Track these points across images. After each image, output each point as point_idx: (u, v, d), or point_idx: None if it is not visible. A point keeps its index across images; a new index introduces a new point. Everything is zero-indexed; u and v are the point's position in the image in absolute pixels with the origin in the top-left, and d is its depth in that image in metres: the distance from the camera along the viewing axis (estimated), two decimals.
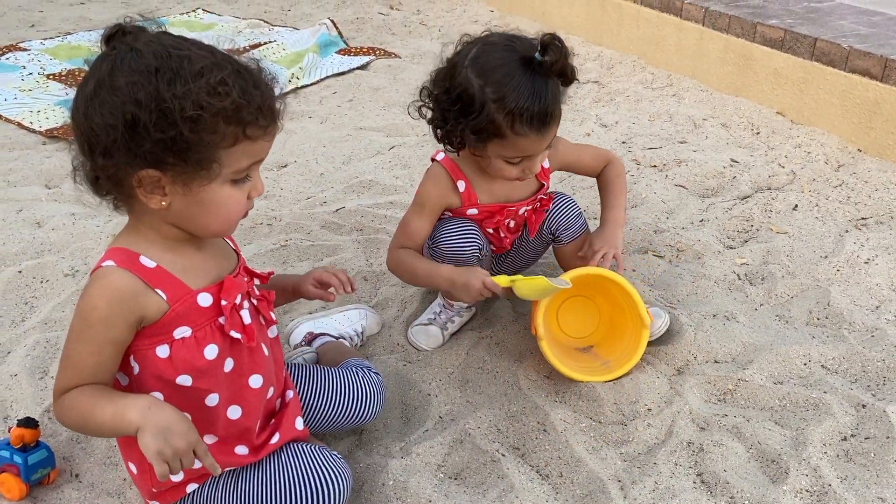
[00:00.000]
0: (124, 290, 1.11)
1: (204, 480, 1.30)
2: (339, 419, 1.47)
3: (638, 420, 1.61)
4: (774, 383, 1.70)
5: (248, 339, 1.21)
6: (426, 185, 1.72)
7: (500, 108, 1.48)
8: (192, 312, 1.17)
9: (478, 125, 1.51)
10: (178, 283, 1.16)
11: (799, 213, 2.44)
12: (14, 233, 2.27)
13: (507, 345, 1.83)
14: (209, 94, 1.04)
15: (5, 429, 1.55)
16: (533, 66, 1.49)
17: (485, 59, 1.51)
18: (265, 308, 1.29)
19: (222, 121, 1.06)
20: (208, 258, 1.22)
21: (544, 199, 1.78)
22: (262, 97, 1.10)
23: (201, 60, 1.07)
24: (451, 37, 4.32)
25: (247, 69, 1.12)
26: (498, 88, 1.48)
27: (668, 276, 2.10)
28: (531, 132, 1.51)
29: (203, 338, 1.18)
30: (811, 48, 2.96)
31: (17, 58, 3.84)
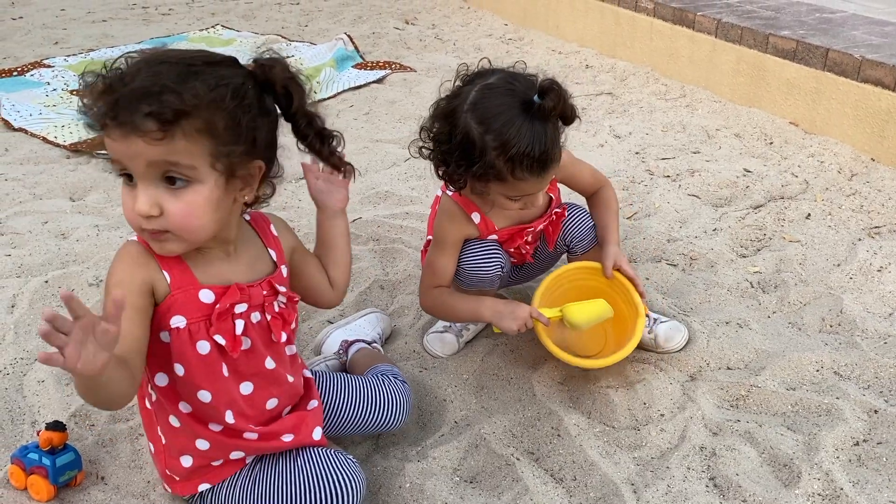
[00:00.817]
0: (135, 256, 1.16)
1: (217, 481, 1.33)
2: (361, 426, 1.50)
3: (651, 425, 1.63)
4: (787, 389, 1.72)
5: (232, 349, 1.22)
6: (442, 223, 1.72)
7: (500, 155, 1.49)
8: (190, 303, 1.19)
9: (479, 170, 1.52)
10: (188, 271, 1.19)
11: (812, 221, 2.45)
12: (40, 244, 2.32)
13: (522, 352, 1.86)
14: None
15: (34, 433, 1.59)
16: (532, 110, 1.49)
17: (485, 105, 1.50)
18: (277, 326, 1.29)
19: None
20: (233, 264, 1.25)
21: (559, 212, 1.80)
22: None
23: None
24: (465, 51, 4.39)
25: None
26: (498, 136, 1.48)
27: (681, 284, 2.12)
28: (531, 177, 1.53)
29: (196, 332, 1.20)
30: (823, 58, 2.98)
31: (42, 74, 3.93)
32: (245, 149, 1.12)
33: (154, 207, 1.08)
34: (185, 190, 1.09)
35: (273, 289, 1.29)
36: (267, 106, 1.16)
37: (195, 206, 1.10)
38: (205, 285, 1.20)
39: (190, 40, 4.62)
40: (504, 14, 5.11)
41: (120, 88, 1.04)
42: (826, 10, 3.59)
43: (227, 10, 5.45)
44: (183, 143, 1.05)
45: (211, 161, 1.09)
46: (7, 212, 2.56)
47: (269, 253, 1.33)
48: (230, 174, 1.12)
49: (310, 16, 5.30)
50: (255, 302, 1.25)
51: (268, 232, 1.35)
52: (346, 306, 2.04)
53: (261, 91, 1.15)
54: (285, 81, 1.17)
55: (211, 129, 1.07)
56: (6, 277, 2.15)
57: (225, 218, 1.17)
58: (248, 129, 1.11)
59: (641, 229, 2.41)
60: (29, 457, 1.42)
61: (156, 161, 1.06)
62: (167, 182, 1.09)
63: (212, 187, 1.10)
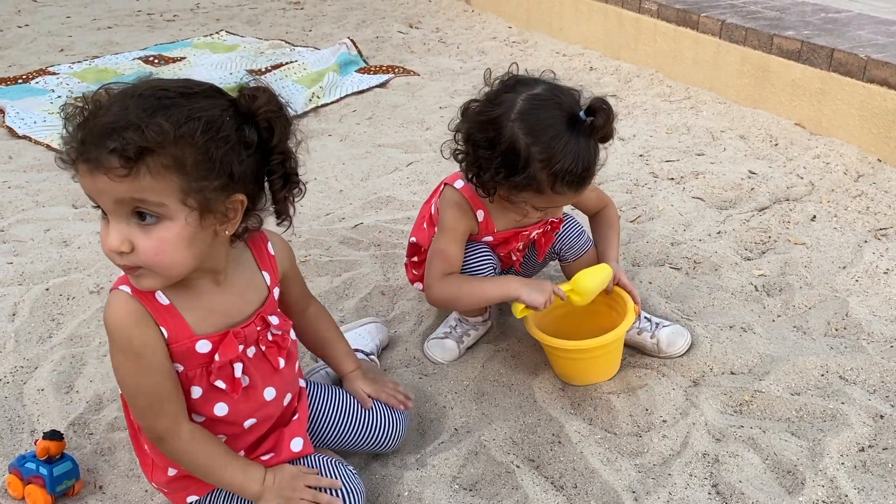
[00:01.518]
0: (137, 316, 1.14)
1: (204, 493, 1.32)
2: (355, 441, 1.48)
3: (653, 431, 1.61)
4: (791, 394, 1.70)
5: (233, 391, 1.23)
6: (453, 213, 1.70)
7: (544, 168, 1.48)
8: (188, 355, 1.19)
9: (520, 181, 1.51)
10: (184, 324, 1.17)
11: (817, 223, 2.43)
12: (42, 251, 2.33)
13: (523, 358, 1.85)
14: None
15: (32, 442, 1.59)
16: (578, 126, 1.50)
17: (533, 116, 1.49)
18: (273, 354, 1.29)
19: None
20: (226, 296, 1.23)
21: (555, 222, 1.79)
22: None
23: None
24: (469, 54, 4.39)
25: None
26: (545, 149, 1.47)
27: (685, 288, 2.10)
28: (569, 192, 1.54)
29: (193, 377, 1.20)
30: (829, 59, 2.95)
31: (47, 81, 3.95)
32: (221, 183, 1.07)
33: (125, 244, 1.05)
34: (155, 226, 1.05)
35: (265, 322, 1.27)
36: (247, 138, 1.10)
37: (166, 244, 1.06)
38: (200, 336, 1.19)
39: (194, 46, 4.63)
40: (507, 17, 5.10)
41: (90, 123, 1.02)
42: (831, 10, 3.56)
43: (231, 16, 5.46)
44: (148, 179, 1.02)
45: (181, 197, 1.05)
46: (10, 219, 2.56)
47: (262, 276, 1.30)
48: (206, 209, 1.07)
49: (314, 20, 5.30)
50: (249, 340, 1.25)
51: (264, 252, 1.32)
52: (347, 312, 2.03)
53: (242, 122, 1.10)
54: (268, 114, 1.12)
55: (179, 164, 1.03)
56: (8, 285, 2.15)
57: (204, 252, 1.13)
58: (223, 162, 1.06)
59: (645, 233, 2.39)
60: (26, 466, 1.42)
61: (122, 198, 1.03)
62: (138, 217, 1.06)
63: (183, 224, 1.06)
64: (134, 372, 1.16)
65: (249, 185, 1.13)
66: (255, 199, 1.16)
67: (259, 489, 1.25)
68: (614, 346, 1.71)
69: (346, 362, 1.53)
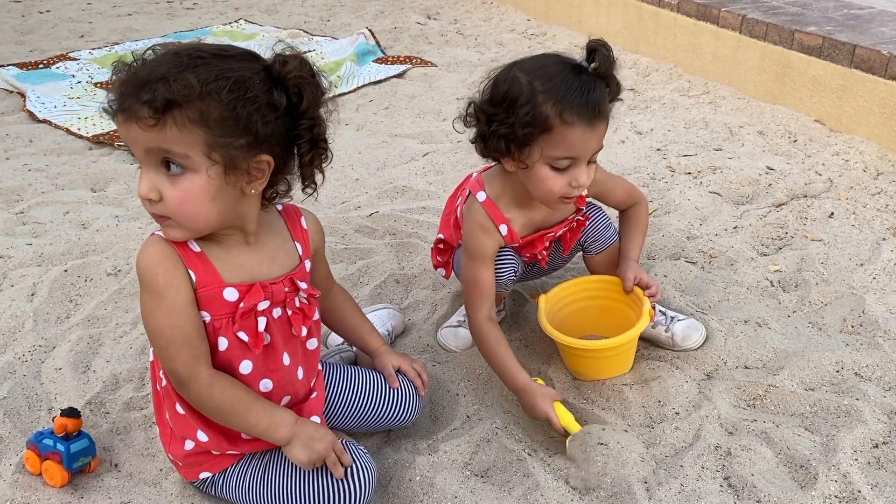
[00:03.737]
0: (167, 255, 1.19)
1: (216, 470, 1.34)
2: (375, 417, 1.50)
3: (665, 423, 1.61)
4: (805, 389, 1.69)
5: (255, 345, 1.25)
6: (478, 236, 1.65)
7: (547, 98, 1.45)
8: (214, 301, 1.21)
9: (524, 119, 1.46)
10: (213, 270, 1.21)
11: (835, 220, 2.41)
12: (61, 234, 2.35)
13: (536, 347, 1.85)
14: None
15: (49, 419, 1.61)
16: (579, 70, 1.49)
17: (534, 61, 1.52)
18: (298, 321, 1.31)
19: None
20: (258, 256, 1.26)
21: (580, 219, 1.76)
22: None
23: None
24: (487, 46, 4.37)
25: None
26: (546, 80, 1.46)
27: (700, 282, 2.10)
28: (580, 122, 1.46)
29: (219, 328, 1.23)
30: (850, 55, 2.93)
31: (67, 67, 3.98)
32: (246, 141, 1.11)
33: (153, 191, 1.12)
34: (180, 177, 1.12)
35: (294, 285, 1.30)
36: (276, 101, 1.14)
37: (190, 194, 1.12)
38: (229, 283, 1.22)
39: (213, 34, 4.65)
40: (526, 9, 5.08)
41: (130, 77, 1.09)
42: (854, 6, 3.52)
43: (250, 5, 5.47)
44: (175, 131, 1.08)
45: (206, 150, 1.10)
46: (30, 202, 2.59)
47: (294, 245, 1.33)
48: (230, 166, 1.12)
49: (332, 10, 5.30)
50: (276, 299, 1.27)
51: (297, 224, 1.36)
52: (361, 300, 2.03)
53: (271, 85, 1.14)
54: (298, 79, 1.15)
55: (203, 119, 1.08)
56: (27, 266, 2.18)
57: (231, 208, 1.18)
58: (249, 121, 1.10)
59: (661, 226, 2.38)
60: (44, 442, 1.44)
61: (151, 147, 1.10)
62: (166, 167, 1.12)
63: (206, 177, 1.11)
64: (156, 311, 1.19)
65: (276, 147, 1.16)
66: (283, 163, 1.20)
67: (288, 433, 1.25)
68: (627, 347, 1.71)
69: (372, 339, 1.56)
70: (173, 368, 1.21)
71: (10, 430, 1.58)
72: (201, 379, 1.21)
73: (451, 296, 2.04)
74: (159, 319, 1.19)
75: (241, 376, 1.26)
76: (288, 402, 1.35)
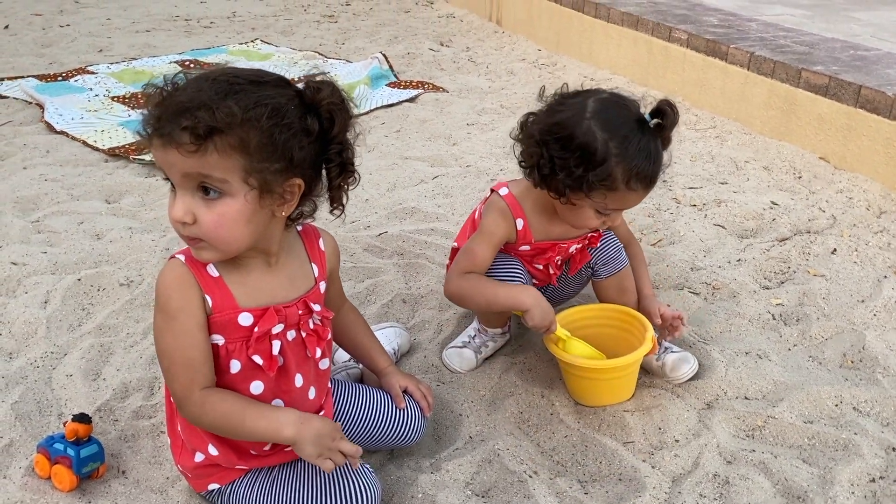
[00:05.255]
0: (183, 279, 1.22)
1: (225, 482, 1.37)
2: (379, 438, 1.53)
3: (665, 450, 1.63)
4: (804, 422, 1.71)
5: (269, 368, 1.27)
6: (495, 218, 1.73)
7: (620, 163, 1.54)
8: (229, 326, 1.25)
9: (595, 177, 1.55)
10: (229, 295, 1.24)
11: (837, 257, 2.44)
12: (75, 243, 2.39)
13: (539, 371, 1.88)
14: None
15: (60, 424, 1.64)
16: (645, 127, 1.58)
17: (607, 114, 1.57)
18: (312, 343, 1.34)
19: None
20: (276, 279, 1.29)
21: (593, 236, 1.82)
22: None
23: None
24: (498, 74, 4.44)
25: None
26: (622, 143, 1.54)
27: (703, 313, 2.13)
28: (641, 188, 1.59)
29: (232, 351, 1.26)
30: (856, 95, 2.98)
31: (85, 80, 4.05)
32: (281, 166, 1.14)
33: (188, 215, 1.14)
34: (217, 201, 1.14)
35: (308, 308, 1.33)
36: (309, 126, 1.17)
37: (226, 218, 1.14)
38: (244, 308, 1.25)
39: (230, 53, 4.73)
40: (537, 39, 5.16)
41: (167, 102, 1.11)
42: (861, 48, 3.58)
43: (266, 26, 5.57)
44: (216, 157, 1.10)
45: (243, 176, 1.13)
46: (45, 211, 2.63)
47: (311, 267, 1.37)
48: (265, 190, 1.15)
49: (347, 34, 5.39)
50: (290, 321, 1.30)
51: (315, 245, 1.39)
52: (368, 318, 2.06)
53: (305, 111, 1.18)
54: (331, 105, 1.20)
55: (244, 145, 1.11)
56: (41, 274, 2.22)
57: (261, 231, 1.21)
58: (285, 147, 1.14)
59: (665, 256, 2.42)
60: (54, 447, 1.46)
61: (190, 173, 1.12)
62: (202, 192, 1.14)
63: (244, 201, 1.14)
64: (165, 332, 1.23)
65: (307, 170, 1.20)
66: (312, 185, 1.23)
67: (294, 432, 1.24)
68: (629, 371, 1.74)
69: (380, 359, 1.59)
70: (172, 388, 1.26)
71: (21, 434, 1.60)
72: (194, 399, 1.24)
73: (456, 316, 2.07)
74: (167, 340, 1.23)
75: (252, 397, 1.29)
76: None
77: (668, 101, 1.60)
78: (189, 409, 1.25)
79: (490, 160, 3.19)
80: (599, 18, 4.48)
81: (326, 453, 1.25)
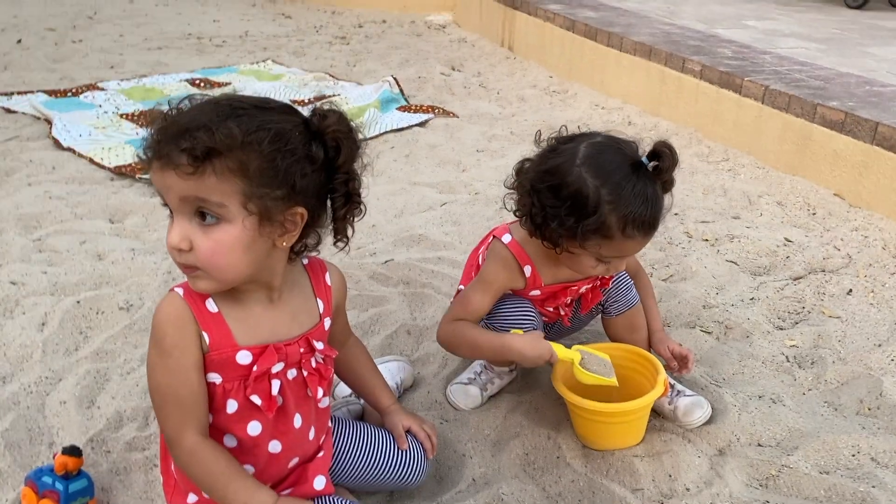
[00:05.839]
0: (181, 316, 1.17)
1: None
2: (379, 479, 1.46)
3: (675, 499, 1.57)
4: (820, 472, 1.65)
5: (268, 409, 1.22)
6: (496, 268, 1.68)
7: (613, 211, 1.47)
8: (227, 364, 1.20)
9: (589, 226, 1.49)
10: (227, 332, 1.19)
11: (853, 298, 2.38)
12: (76, 264, 2.35)
13: (545, 412, 1.82)
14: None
15: (49, 455, 1.59)
16: (641, 170, 1.51)
17: (599, 159, 1.50)
18: (314, 382, 1.29)
19: None
20: (278, 315, 1.24)
21: (605, 278, 1.77)
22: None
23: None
24: (509, 100, 4.42)
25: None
26: (614, 190, 1.47)
27: (715, 353, 2.07)
28: (639, 236, 1.52)
29: (229, 390, 1.21)
30: (872, 132, 2.93)
31: (95, 97, 4.04)
32: (283, 193, 1.11)
33: (184, 241, 1.10)
34: (214, 227, 1.10)
35: (310, 345, 1.28)
36: (313, 154, 1.14)
37: (223, 245, 1.10)
38: (243, 346, 1.20)
39: (240, 72, 4.72)
40: (549, 66, 5.14)
41: (169, 124, 1.09)
42: (876, 84, 3.55)
43: (278, 46, 5.57)
44: (213, 180, 1.07)
45: (242, 200, 1.09)
46: (48, 229, 2.60)
47: (316, 303, 1.32)
48: (265, 217, 1.11)
49: (358, 56, 5.39)
50: (291, 360, 1.25)
51: (321, 280, 1.34)
52: (372, 349, 2.01)
53: (310, 138, 1.14)
54: (337, 133, 1.16)
55: (243, 169, 1.07)
56: (40, 294, 2.18)
57: (261, 261, 1.16)
58: (287, 173, 1.10)
59: (677, 293, 2.37)
60: (43, 480, 1.41)
61: (186, 196, 1.08)
62: (200, 217, 1.10)
63: (242, 227, 1.10)
64: (157, 368, 1.18)
65: (311, 199, 1.16)
66: (316, 216, 1.19)
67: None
68: (640, 415, 1.68)
69: (383, 396, 1.54)
70: (163, 427, 1.21)
71: (10, 464, 1.55)
72: (184, 444, 1.18)
73: None
74: (158, 378, 1.19)
75: (248, 438, 1.24)
76: (295, 464, 1.32)
77: (665, 143, 1.53)
78: (177, 453, 1.20)
79: (499, 187, 3.13)
80: (612, 47, 4.46)
81: None
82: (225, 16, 6.65)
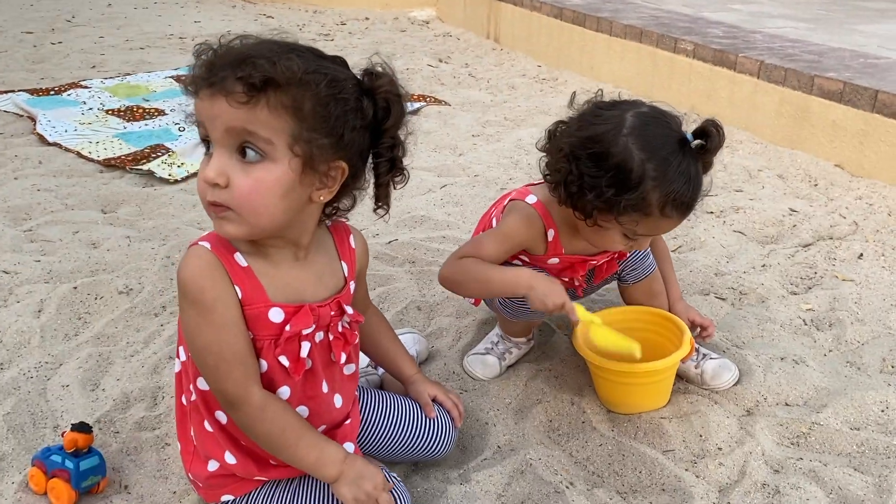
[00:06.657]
0: (212, 267, 1.11)
1: (240, 494, 1.25)
2: (406, 449, 1.41)
3: (708, 458, 1.52)
4: (851, 429, 1.61)
5: (295, 371, 1.17)
6: (518, 223, 1.59)
7: (657, 188, 1.38)
8: (259, 321, 1.14)
9: (628, 199, 1.40)
10: (260, 288, 1.13)
11: (865, 262, 2.36)
12: (70, 252, 2.27)
13: (567, 378, 1.77)
14: None
15: (55, 436, 1.52)
16: (686, 148, 1.43)
17: (646, 132, 1.40)
18: (338, 346, 1.24)
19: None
20: (305, 275, 1.19)
21: (623, 251, 1.71)
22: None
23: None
24: (499, 88, 4.38)
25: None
26: (660, 166, 1.38)
27: (732, 318, 2.03)
28: (676, 216, 1.44)
29: (260, 349, 1.15)
30: (872, 100, 2.92)
31: (79, 94, 3.95)
32: (330, 142, 1.06)
33: (221, 176, 1.04)
34: (256, 165, 1.04)
35: (340, 309, 1.23)
36: (364, 109, 1.09)
37: (263, 184, 1.04)
38: (275, 303, 1.14)
39: None
40: (537, 56, 5.11)
41: (223, 53, 1.04)
42: (870, 56, 3.54)
43: None
44: (265, 113, 1.02)
45: (290, 141, 1.03)
46: (38, 220, 2.52)
47: (341, 266, 1.26)
48: (308, 164, 1.05)
49: (344, 52, 5.29)
50: (322, 323, 1.20)
51: (345, 242, 1.29)
52: None
53: (362, 94, 1.10)
54: (388, 94, 1.12)
55: (297, 107, 1.03)
56: (34, 282, 2.10)
57: (295, 213, 1.10)
58: (337, 122, 1.05)
59: (687, 262, 2.33)
60: (51, 459, 1.34)
61: (234, 127, 1.02)
62: (241, 155, 1.04)
63: (285, 170, 1.04)
64: (204, 328, 1.10)
65: (354, 157, 1.11)
66: (356, 174, 1.14)
67: (336, 472, 1.16)
68: (665, 375, 1.64)
69: (406, 365, 1.48)
70: (223, 389, 1.13)
71: (14, 447, 1.48)
72: (253, 400, 1.12)
73: (476, 323, 1.96)
74: (208, 336, 1.11)
75: None
76: (323, 431, 1.27)
77: (713, 122, 1.45)
78: (245, 412, 1.13)
79: (498, 170, 3.11)
80: (601, 32, 4.44)
81: (363, 498, 1.16)
82: (206, 17, 6.57)
